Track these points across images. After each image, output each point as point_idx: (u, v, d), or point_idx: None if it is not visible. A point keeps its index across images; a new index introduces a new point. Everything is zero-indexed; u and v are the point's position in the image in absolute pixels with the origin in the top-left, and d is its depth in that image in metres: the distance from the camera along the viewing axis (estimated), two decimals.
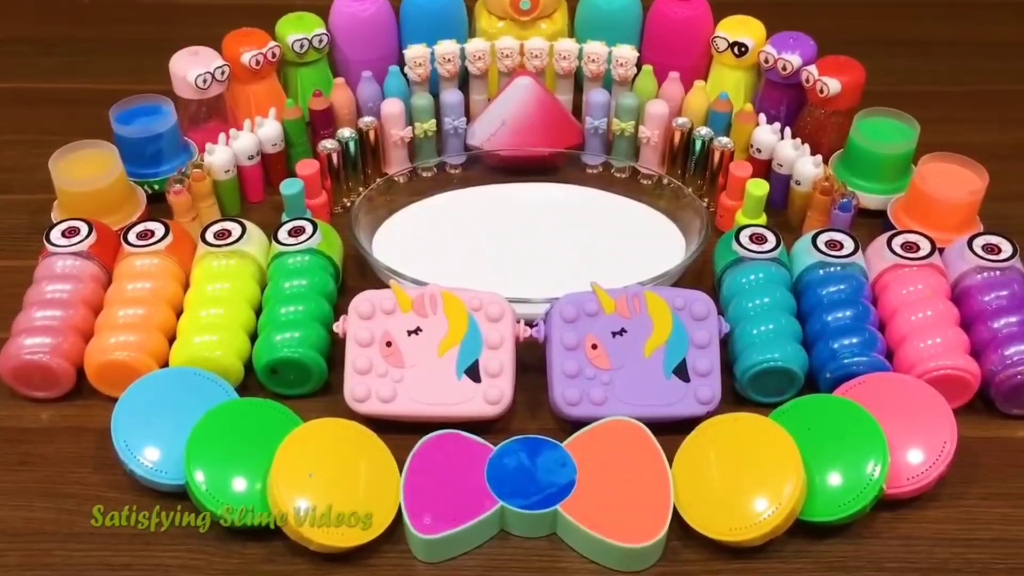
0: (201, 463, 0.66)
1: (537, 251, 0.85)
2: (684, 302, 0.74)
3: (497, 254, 0.86)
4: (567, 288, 0.73)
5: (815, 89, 0.91)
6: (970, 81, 1.12)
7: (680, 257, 0.85)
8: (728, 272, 0.82)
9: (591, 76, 0.93)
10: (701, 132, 0.91)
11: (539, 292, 0.75)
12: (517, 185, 0.91)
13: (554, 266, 0.84)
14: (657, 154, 0.93)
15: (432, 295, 0.74)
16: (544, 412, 0.74)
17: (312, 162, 0.89)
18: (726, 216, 0.91)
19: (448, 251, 0.86)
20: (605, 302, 0.74)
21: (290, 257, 0.81)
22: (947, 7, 1.23)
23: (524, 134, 0.91)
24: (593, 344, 0.73)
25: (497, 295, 0.75)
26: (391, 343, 0.73)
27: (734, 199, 0.90)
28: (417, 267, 0.78)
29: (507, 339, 0.73)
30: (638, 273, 0.77)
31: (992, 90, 1.10)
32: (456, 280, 0.74)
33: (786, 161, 0.90)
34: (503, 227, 0.88)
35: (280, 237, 0.81)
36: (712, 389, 0.73)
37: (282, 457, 0.65)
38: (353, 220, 0.85)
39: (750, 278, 0.79)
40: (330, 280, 0.81)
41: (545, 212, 0.89)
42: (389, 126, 0.93)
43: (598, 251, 0.86)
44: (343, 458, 0.67)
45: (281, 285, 0.79)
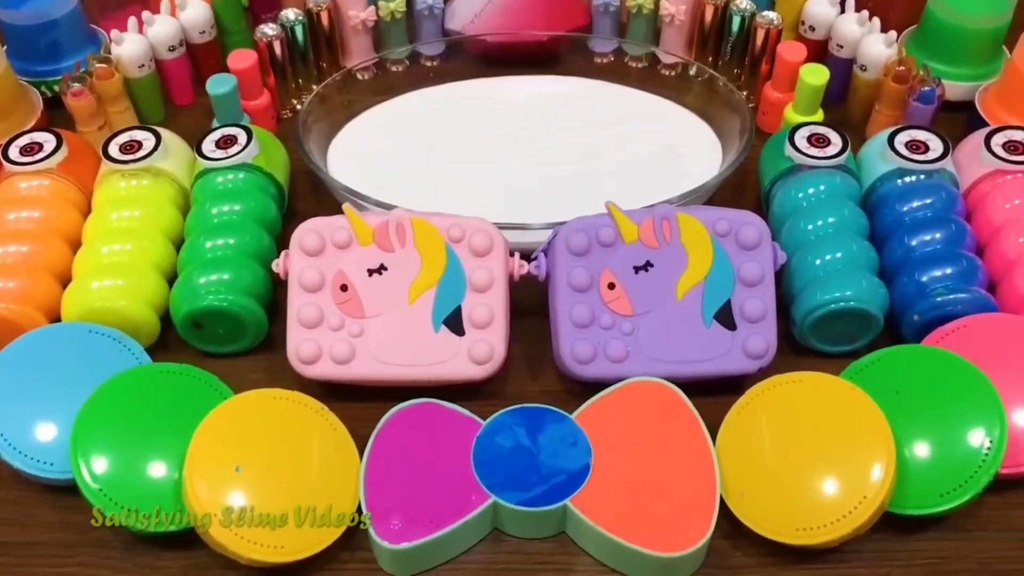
0: (93, 450, 0.51)
1: (535, 163, 0.72)
2: (729, 226, 0.57)
3: (483, 168, 0.71)
4: (574, 210, 0.59)
5: None
6: None
7: (716, 167, 0.68)
8: (780, 185, 0.65)
9: None
10: (740, 5, 0.73)
11: (538, 216, 0.62)
12: (508, 79, 0.78)
13: (557, 182, 0.70)
14: (683, 36, 0.79)
15: (399, 222, 0.57)
16: (548, 372, 0.61)
17: (249, 52, 0.72)
18: (771, 113, 0.73)
19: (421, 165, 0.72)
20: (625, 228, 0.57)
21: (218, 175, 0.64)
22: None
23: (516, 14, 0.78)
24: (610, 283, 0.57)
25: (484, 221, 0.58)
26: (347, 286, 0.57)
27: (782, 90, 0.72)
28: (382, 186, 0.65)
29: (498, 278, 0.57)
30: (664, 189, 0.64)
31: None
32: (432, 202, 0.61)
33: (848, 40, 0.72)
34: (491, 134, 0.74)
35: (205, 149, 0.65)
36: (766, 339, 0.57)
37: (201, 442, 0.51)
38: (301, 126, 0.68)
39: (808, 192, 0.63)
40: (271, 204, 0.64)
41: (544, 114, 0.75)
42: (346, 6, 0.75)
43: (612, 162, 0.71)
44: (283, 442, 0.53)
45: (207, 211, 0.63)
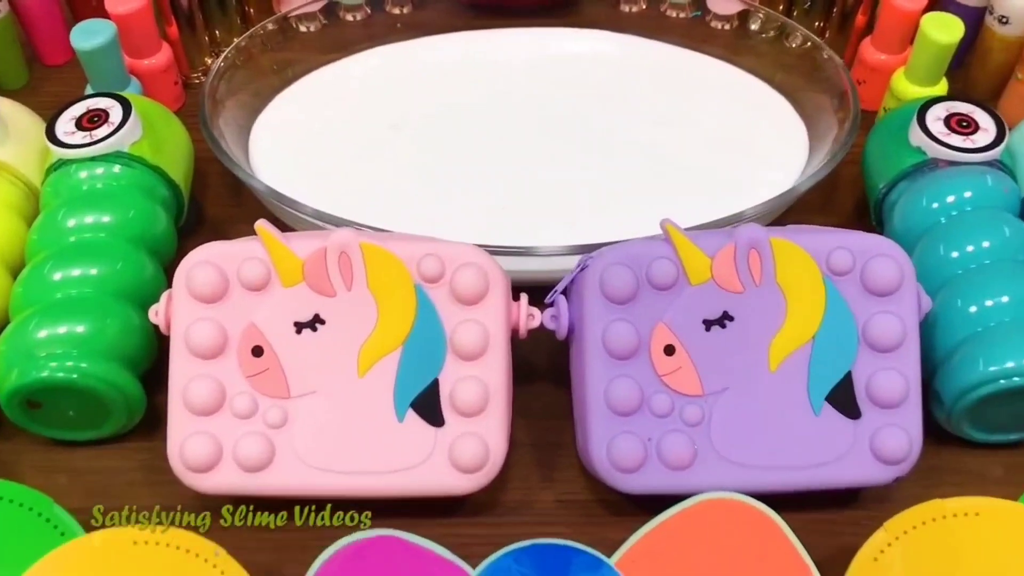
0: None
1: (544, 156, 0.52)
2: (851, 259, 0.38)
3: (471, 162, 0.52)
4: (607, 228, 0.42)
5: None
6: None
7: (799, 160, 0.50)
8: (903, 189, 0.45)
9: None
10: None
11: (553, 235, 0.43)
12: (504, 33, 0.58)
13: (578, 185, 0.50)
14: None
15: (344, 250, 0.37)
16: (569, 470, 0.42)
17: None
18: (871, 81, 0.55)
19: (383, 156, 0.52)
20: (691, 260, 0.37)
21: (80, 168, 0.45)
22: None
23: None
24: (668, 346, 0.37)
25: (474, 248, 0.38)
26: (261, 349, 0.37)
27: (888, 50, 0.54)
28: (325, 186, 0.48)
29: (495, 338, 0.38)
30: (727, 195, 0.47)
31: None
32: (396, 213, 0.46)
33: None
34: (481, 111, 0.54)
35: (60, 130, 0.45)
36: (908, 434, 0.38)
37: None
38: (208, 97, 0.49)
39: (948, 200, 0.44)
40: (158, 213, 0.44)
41: (555, 83, 0.56)
42: None
43: (652, 153, 0.52)
44: None
45: (59, 225, 0.43)
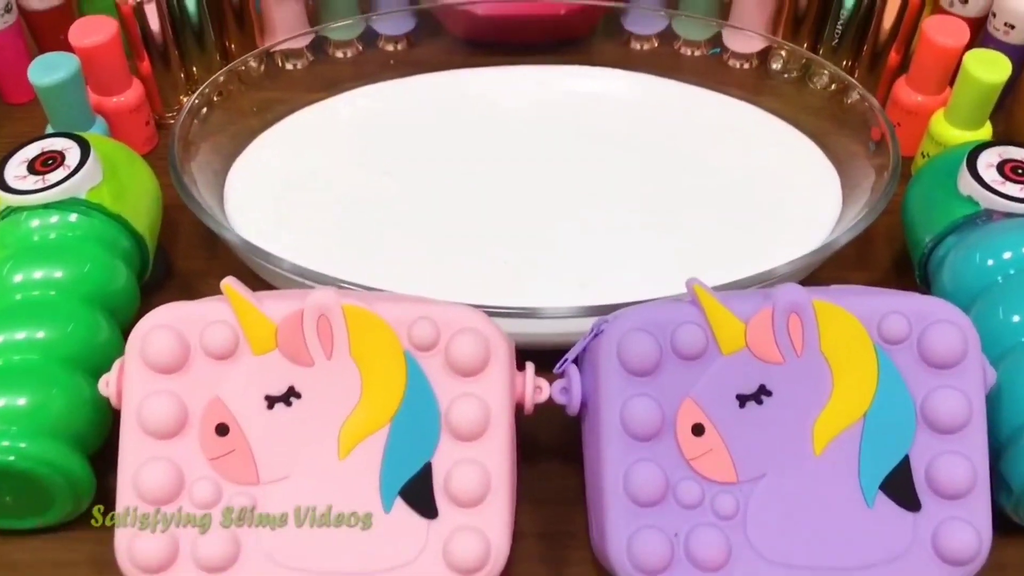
0: None
1: (554, 208, 0.48)
2: (906, 325, 0.33)
3: (469, 211, 0.47)
4: (624, 289, 0.38)
5: None
6: None
7: (834, 210, 0.46)
8: (954, 242, 0.41)
9: None
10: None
11: (563, 296, 0.40)
12: (506, 71, 0.55)
13: (590, 237, 0.46)
14: (765, 10, 0.56)
15: (323, 312, 0.33)
16: (581, 565, 0.37)
17: (102, 21, 0.49)
18: (907, 124, 0.51)
19: (372, 204, 0.48)
20: (722, 325, 0.33)
21: (32, 217, 0.41)
22: None
23: None
24: (696, 425, 0.33)
25: (472, 311, 0.34)
26: (227, 427, 0.32)
27: (926, 91, 0.50)
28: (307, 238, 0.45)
29: (496, 415, 0.33)
30: (758, 250, 0.43)
31: None
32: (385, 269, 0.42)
33: (1021, 18, 0.48)
34: (481, 155, 0.50)
35: (9, 174, 0.41)
36: (975, 528, 0.33)
37: None
38: (178, 139, 0.45)
39: (1005, 257, 0.39)
40: (118, 268, 0.40)
41: (562, 125, 0.52)
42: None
43: (675, 204, 0.48)
44: None
45: (3, 280, 0.39)
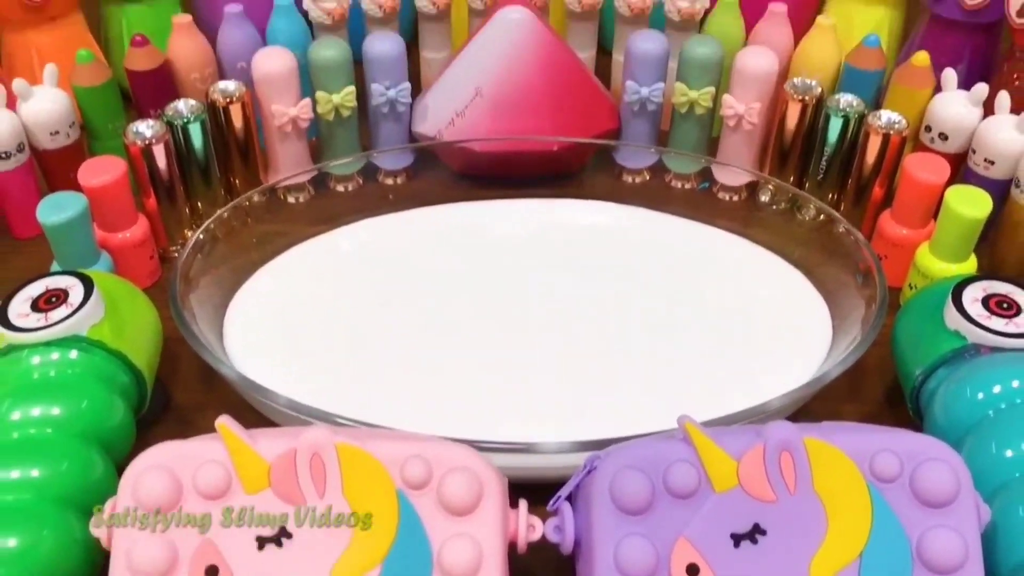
0: None
1: (548, 340, 0.47)
2: (898, 464, 0.33)
3: (466, 345, 0.47)
4: (617, 423, 0.38)
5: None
6: None
7: (824, 342, 0.46)
8: (944, 375, 0.41)
9: (629, 15, 0.60)
10: (841, 103, 0.50)
11: (557, 430, 0.39)
12: (502, 205, 0.55)
13: (583, 370, 0.46)
14: (752, 146, 0.57)
15: (316, 450, 0.33)
16: None
17: (111, 161, 0.49)
18: (892, 256, 0.51)
19: (370, 339, 0.48)
20: (715, 464, 0.33)
21: (33, 354, 0.40)
22: None
23: (513, 114, 0.56)
24: (691, 566, 0.33)
25: (465, 450, 0.34)
26: (217, 569, 0.32)
27: (911, 224, 0.50)
28: (305, 373, 0.44)
29: (489, 554, 0.33)
30: (749, 382, 0.43)
31: None
32: (381, 403, 0.42)
33: (1003, 155, 0.50)
34: (477, 288, 0.50)
35: (14, 311, 0.41)
36: None
37: None
38: (181, 275, 0.45)
39: (994, 391, 0.39)
40: (116, 404, 0.40)
41: (556, 258, 0.52)
42: (268, 98, 0.52)
43: (667, 337, 0.48)
44: None
45: (2, 418, 0.38)
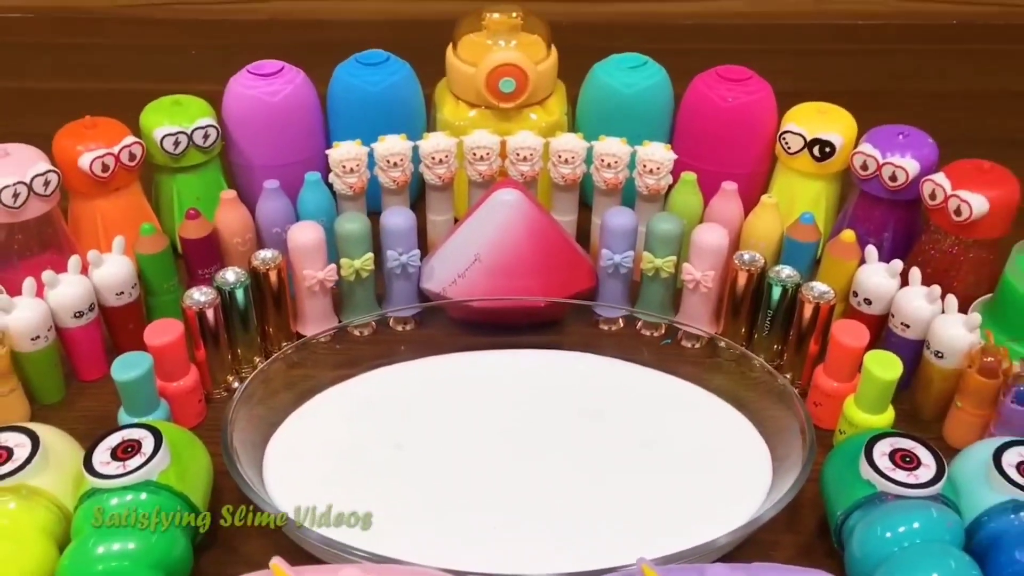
0: None
1: (535, 481, 0.55)
2: None
3: (467, 488, 0.54)
4: (593, 555, 0.46)
5: (947, 209, 0.60)
6: None
7: (765, 475, 0.54)
8: (859, 516, 0.49)
9: (605, 188, 0.67)
10: (781, 274, 0.60)
11: (546, 561, 0.47)
12: (498, 355, 0.63)
13: (568, 511, 0.53)
14: (709, 305, 0.65)
15: None
16: None
17: (172, 324, 0.57)
18: (825, 404, 0.59)
19: (388, 479, 0.55)
20: None
21: (112, 496, 0.47)
22: None
23: (508, 275, 0.63)
24: None
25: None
26: None
27: (839, 378, 0.58)
28: (337, 509, 0.51)
29: None
30: (703, 518, 0.50)
31: None
32: (398, 540, 0.48)
33: (915, 320, 0.58)
34: (477, 435, 0.57)
35: (96, 461, 0.48)
36: None
37: None
38: (229, 424, 0.52)
39: (900, 531, 0.47)
40: (178, 538, 0.47)
41: (546, 405, 0.59)
42: (301, 263, 0.61)
43: (636, 478, 0.55)
44: None
45: (89, 552, 0.45)
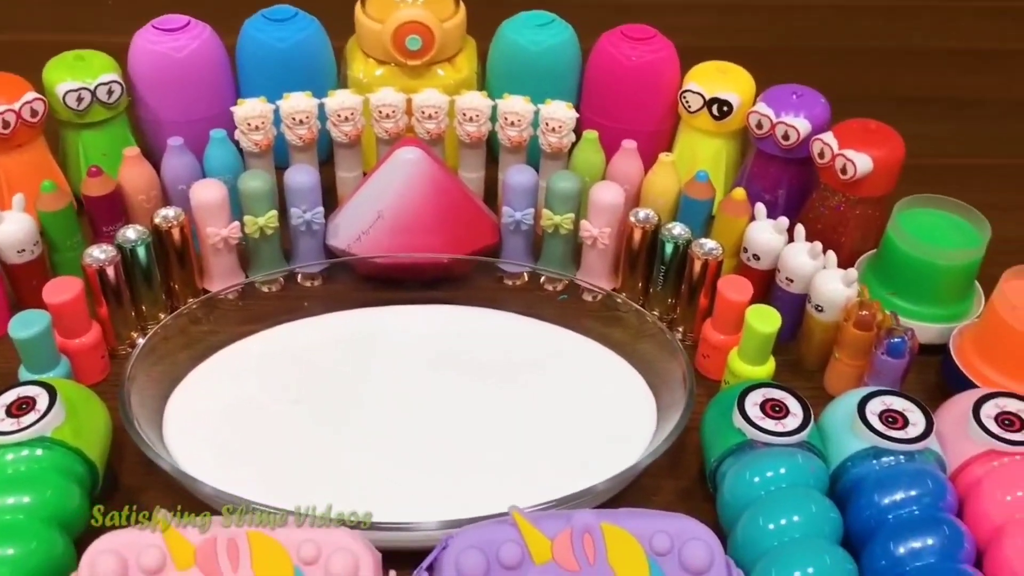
0: None
1: (430, 432, 0.57)
2: (669, 542, 0.44)
3: (362, 440, 0.56)
4: (477, 502, 0.47)
5: (834, 168, 0.63)
6: (1020, 151, 0.85)
7: (651, 424, 0.56)
8: (730, 463, 0.51)
9: (510, 146, 0.68)
10: (673, 231, 0.62)
11: (434, 506, 0.48)
12: (400, 311, 0.64)
13: (455, 457, 0.55)
14: (608, 260, 0.66)
15: (232, 538, 0.42)
16: None
17: (71, 281, 0.58)
18: (713, 356, 0.61)
19: (282, 427, 0.57)
20: (534, 543, 0.43)
21: (6, 452, 0.50)
22: (977, 58, 0.98)
23: (411, 232, 0.65)
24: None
25: (348, 534, 0.44)
26: None
27: (725, 331, 0.60)
28: (234, 462, 0.53)
29: None
30: (582, 465, 0.52)
31: None
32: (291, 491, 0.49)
33: (799, 275, 0.61)
34: (372, 383, 0.60)
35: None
36: None
37: None
38: (126, 378, 0.53)
39: (767, 475, 0.50)
40: (72, 492, 0.49)
41: (440, 357, 0.62)
42: (204, 220, 0.62)
43: (523, 426, 0.58)
44: None
45: None
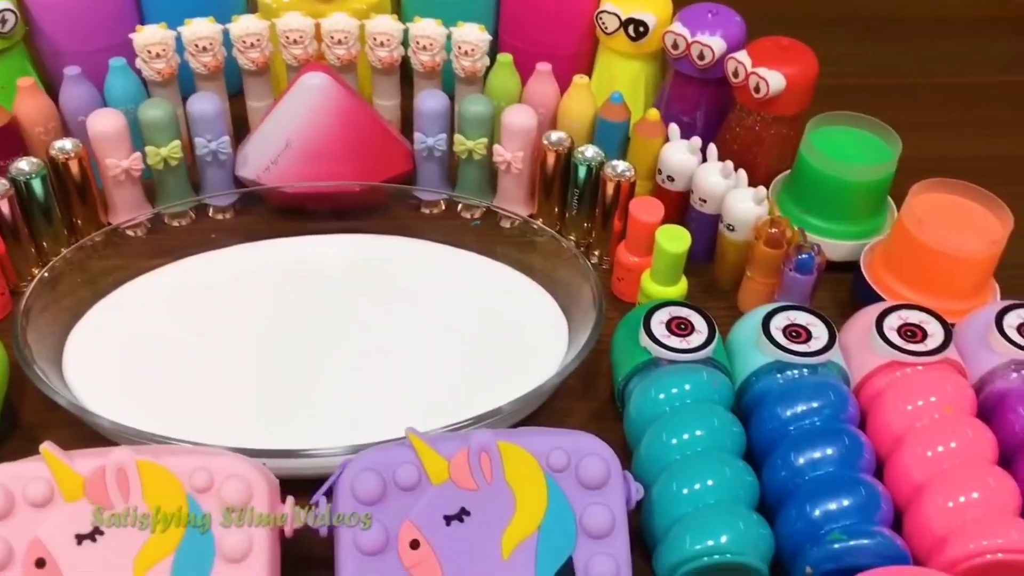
0: None
1: (335, 359, 0.56)
2: (566, 458, 0.44)
3: (267, 369, 0.56)
4: (372, 429, 0.46)
5: (747, 87, 0.62)
6: (935, 71, 0.85)
7: (563, 349, 0.55)
8: (637, 381, 0.52)
9: (423, 71, 0.67)
10: (586, 153, 0.61)
11: (337, 435, 0.47)
12: (312, 241, 0.63)
13: (361, 383, 0.55)
14: (523, 185, 0.65)
15: (120, 466, 0.42)
16: None
17: None
18: (628, 279, 0.61)
19: (185, 362, 0.56)
20: (431, 464, 0.43)
21: None
22: None
23: (321, 160, 0.63)
24: (413, 540, 0.43)
25: (240, 459, 0.43)
26: (44, 561, 0.41)
27: (638, 253, 0.60)
28: (129, 394, 0.52)
29: (257, 544, 0.42)
30: (493, 389, 0.51)
31: (964, 82, 0.83)
32: (193, 423, 0.48)
33: (712, 195, 0.60)
34: (279, 314, 0.59)
35: None
36: None
37: None
38: (21, 315, 0.52)
39: (672, 392, 0.50)
40: None
41: (350, 285, 0.61)
42: (103, 152, 0.60)
43: (434, 350, 0.57)
44: None
45: None
